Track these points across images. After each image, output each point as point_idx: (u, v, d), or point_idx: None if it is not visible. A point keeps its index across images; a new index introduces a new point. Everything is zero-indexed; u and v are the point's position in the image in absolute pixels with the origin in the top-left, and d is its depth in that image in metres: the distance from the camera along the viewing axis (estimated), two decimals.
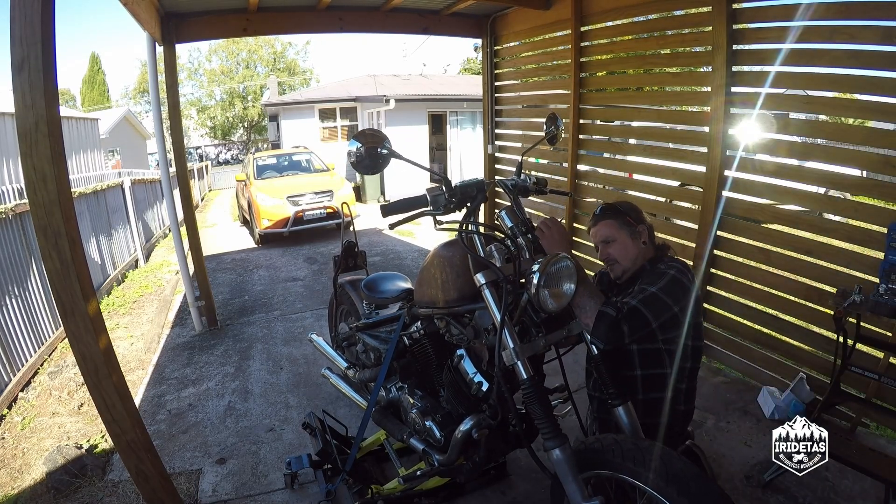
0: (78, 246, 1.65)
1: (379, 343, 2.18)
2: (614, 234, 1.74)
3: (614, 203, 1.83)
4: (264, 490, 2.28)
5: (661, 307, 1.50)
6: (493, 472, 2.22)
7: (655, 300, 1.50)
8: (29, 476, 2.55)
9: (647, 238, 1.75)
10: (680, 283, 1.55)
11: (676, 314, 1.53)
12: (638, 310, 1.47)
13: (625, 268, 1.74)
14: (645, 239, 1.74)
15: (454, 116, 12.26)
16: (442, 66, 27.25)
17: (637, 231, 1.73)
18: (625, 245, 1.72)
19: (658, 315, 1.49)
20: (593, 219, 1.80)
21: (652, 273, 1.63)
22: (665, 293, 1.51)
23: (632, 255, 1.72)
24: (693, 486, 1.15)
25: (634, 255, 1.72)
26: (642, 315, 1.47)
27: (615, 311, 1.46)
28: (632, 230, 1.73)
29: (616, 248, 1.74)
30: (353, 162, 1.34)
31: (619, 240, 1.73)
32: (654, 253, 1.76)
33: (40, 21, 1.47)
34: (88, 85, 28.77)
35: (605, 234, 1.76)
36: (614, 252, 1.74)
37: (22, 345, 3.53)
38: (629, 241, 1.72)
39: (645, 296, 1.50)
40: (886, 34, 2.16)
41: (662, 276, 1.57)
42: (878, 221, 2.28)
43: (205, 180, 16.80)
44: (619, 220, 1.74)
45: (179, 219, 5.49)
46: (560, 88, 4.14)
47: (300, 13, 4.13)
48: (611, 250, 1.75)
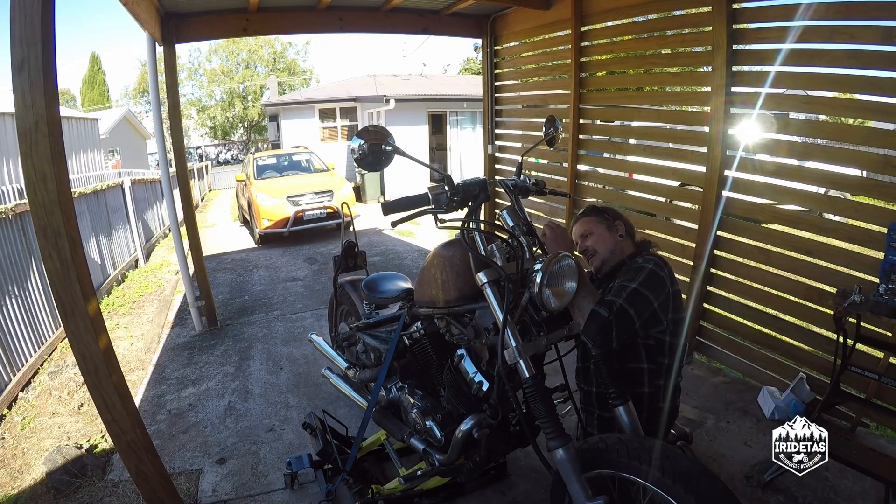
0: (78, 246, 1.65)
1: (379, 343, 2.18)
2: (591, 228, 1.83)
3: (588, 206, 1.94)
4: (264, 490, 2.28)
5: (643, 303, 1.52)
6: (494, 472, 2.22)
7: (637, 296, 1.52)
8: (29, 476, 2.55)
9: (624, 231, 1.82)
10: (657, 277, 1.58)
11: (656, 310, 1.56)
12: (624, 310, 1.48)
13: (603, 258, 1.80)
14: (622, 232, 1.81)
15: (454, 116, 12.26)
16: (442, 66, 27.27)
17: (614, 225, 1.82)
18: (601, 236, 1.80)
19: (641, 312, 1.51)
20: (574, 218, 1.92)
21: (630, 268, 1.65)
22: (645, 287, 1.54)
23: (609, 246, 1.79)
24: (700, 484, 1.15)
25: (612, 246, 1.79)
26: (628, 315, 1.48)
27: (607, 311, 1.46)
28: (609, 223, 1.82)
29: (593, 239, 1.81)
30: (356, 158, 1.34)
31: (595, 232, 1.82)
32: (633, 249, 1.80)
33: (40, 21, 1.47)
34: (88, 85, 28.78)
35: (583, 229, 1.85)
36: (591, 243, 1.81)
37: (22, 345, 3.52)
38: (606, 232, 1.81)
39: (627, 293, 1.52)
40: (886, 34, 2.16)
41: (640, 270, 1.60)
42: (878, 221, 2.28)
43: (205, 180, 16.79)
44: (596, 217, 1.84)
45: (179, 219, 5.49)
46: (560, 88, 4.14)
47: (300, 13, 4.13)
48: (588, 242, 1.82)
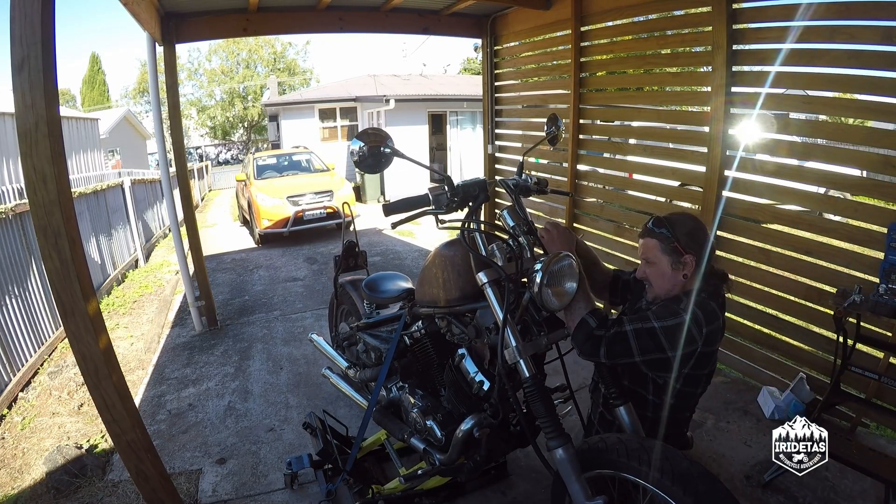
0: (78, 246, 1.65)
1: (380, 342, 2.18)
2: (655, 257, 1.55)
3: (670, 217, 1.58)
4: (264, 490, 2.28)
5: (652, 346, 1.39)
6: (494, 471, 2.22)
7: (649, 336, 1.38)
8: (29, 476, 2.55)
9: (692, 269, 1.52)
10: (687, 333, 1.38)
11: (668, 359, 1.42)
12: (625, 337, 1.38)
13: (656, 295, 1.59)
14: (688, 271, 1.52)
15: (454, 116, 12.26)
16: (442, 66, 27.23)
17: (681, 262, 1.51)
18: (662, 274, 1.55)
19: (645, 351, 1.39)
20: (643, 229, 1.62)
21: (670, 304, 1.47)
22: (664, 334, 1.38)
23: (666, 287, 1.55)
24: (699, 486, 1.16)
25: (669, 287, 1.54)
26: (627, 347, 1.39)
27: (597, 322, 1.41)
28: (675, 259, 1.52)
29: (653, 272, 1.57)
30: (356, 161, 1.34)
31: (658, 265, 1.55)
32: (694, 284, 1.52)
33: (40, 21, 1.47)
34: (88, 85, 28.77)
35: (646, 254, 1.58)
36: (651, 275, 1.58)
37: (22, 345, 3.52)
38: (668, 270, 1.53)
39: (642, 326, 1.39)
40: (886, 34, 2.16)
41: (675, 315, 1.41)
42: (878, 221, 2.28)
43: (205, 180, 16.79)
44: (664, 244, 1.53)
45: (179, 219, 5.48)
46: (560, 88, 4.14)
47: (300, 13, 4.13)
48: (648, 272, 1.58)
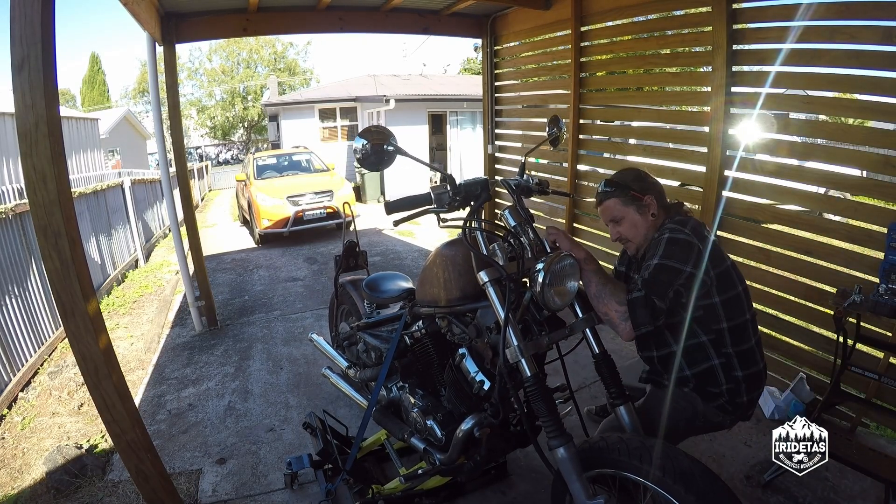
0: (78, 246, 1.65)
1: (380, 342, 2.18)
2: (621, 213, 1.64)
3: (616, 176, 1.71)
4: (264, 490, 2.28)
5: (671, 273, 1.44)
6: (494, 471, 2.22)
7: (662, 269, 1.45)
8: (29, 476, 2.55)
9: (657, 207, 1.63)
10: (677, 242, 1.48)
11: (692, 274, 1.45)
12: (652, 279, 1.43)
13: (638, 245, 1.66)
14: (654, 210, 1.63)
15: (454, 116, 12.27)
16: (442, 66, 27.23)
17: (644, 204, 1.62)
18: (633, 223, 1.64)
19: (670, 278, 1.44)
20: (598, 196, 1.71)
21: (652, 242, 1.57)
22: (667, 258, 1.45)
23: (643, 232, 1.63)
24: (701, 484, 1.16)
25: (646, 231, 1.63)
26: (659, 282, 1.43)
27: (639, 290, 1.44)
28: (638, 205, 1.62)
29: (625, 226, 1.65)
30: (359, 158, 1.35)
31: (626, 217, 1.64)
32: (663, 219, 1.63)
33: (40, 21, 1.47)
34: (88, 85, 28.77)
35: (612, 214, 1.67)
36: (624, 231, 1.66)
37: (22, 345, 3.52)
38: (637, 217, 1.63)
39: (651, 269, 1.46)
40: (886, 34, 2.16)
41: (658, 244, 1.51)
42: (878, 221, 2.28)
43: (205, 180, 16.79)
44: (623, 196, 1.64)
45: (179, 219, 5.48)
46: (560, 88, 4.14)
47: (300, 13, 4.14)
48: (620, 229, 1.66)
